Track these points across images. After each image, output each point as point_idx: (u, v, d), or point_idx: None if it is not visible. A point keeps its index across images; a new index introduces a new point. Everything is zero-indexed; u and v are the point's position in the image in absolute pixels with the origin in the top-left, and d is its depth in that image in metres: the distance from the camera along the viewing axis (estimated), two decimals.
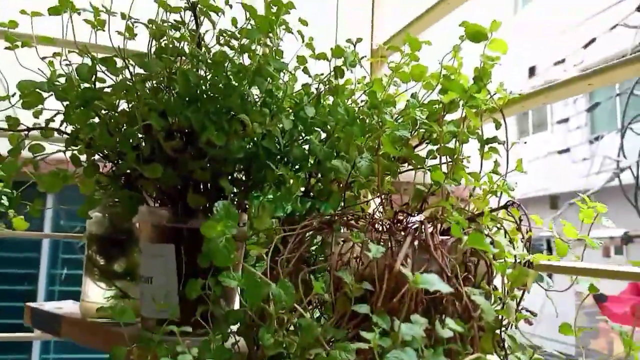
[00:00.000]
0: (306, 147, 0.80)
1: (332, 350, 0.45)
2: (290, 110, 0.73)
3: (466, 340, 0.49)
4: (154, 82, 0.70)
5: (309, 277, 0.61)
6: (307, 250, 0.66)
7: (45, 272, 4.19)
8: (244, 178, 0.88)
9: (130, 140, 0.69)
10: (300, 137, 0.80)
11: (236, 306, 0.99)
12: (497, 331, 0.53)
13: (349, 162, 0.69)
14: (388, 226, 0.58)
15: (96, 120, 0.75)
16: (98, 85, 0.75)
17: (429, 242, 0.53)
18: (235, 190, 0.86)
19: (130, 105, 0.73)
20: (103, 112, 0.74)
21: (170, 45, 0.73)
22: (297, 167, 0.81)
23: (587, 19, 8.98)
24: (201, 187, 0.86)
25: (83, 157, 0.82)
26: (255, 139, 0.76)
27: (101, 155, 0.75)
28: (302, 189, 0.85)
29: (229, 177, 0.84)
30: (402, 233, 0.57)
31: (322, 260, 0.73)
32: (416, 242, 0.56)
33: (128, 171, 0.78)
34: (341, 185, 0.75)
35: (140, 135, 0.70)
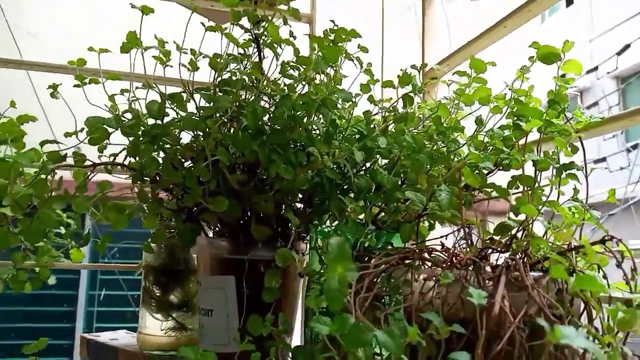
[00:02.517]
0: (369, 176, 0.78)
1: None
2: (357, 144, 0.71)
3: None
4: (220, 115, 0.69)
5: (388, 317, 0.58)
6: (381, 288, 0.63)
7: (84, 293, 4.26)
8: (303, 208, 0.86)
9: (198, 176, 0.68)
10: (364, 166, 0.78)
11: (295, 341, 0.97)
12: None
13: (420, 192, 0.67)
14: (473, 263, 0.56)
15: (161, 154, 0.75)
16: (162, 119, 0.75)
17: (525, 282, 0.49)
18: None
19: (194, 139, 0.72)
20: (167, 146, 0.73)
21: (234, 78, 0.73)
22: (360, 197, 0.79)
23: (618, 25, 8.78)
24: (262, 218, 0.85)
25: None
26: (319, 169, 0.75)
27: (166, 189, 0.75)
28: (361, 217, 0.83)
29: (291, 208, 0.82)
30: (490, 270, 0.54)
31: (390, 295, 0.70)
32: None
33: (190, 206, 0.77)
34: (409, 215, 0.73)
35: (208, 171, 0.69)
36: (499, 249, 0.58)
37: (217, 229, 0.89)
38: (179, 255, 0.98)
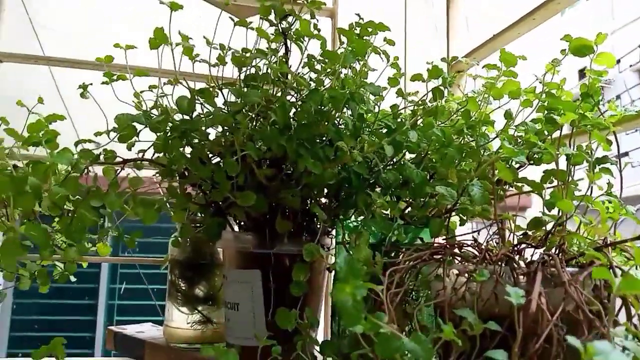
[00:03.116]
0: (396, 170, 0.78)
1: None
2: (387, 138, 0.71)
3: None
4: (248, 110, 0.70)
5: (418, 313, 0.58)
6: (411, 283, 0.63)
7: (105, 286, 4.34)
8: (328, 203, 0.86)
9: (226, 171, 0.68)
10: (391, 161, 0.78)
11: (319, 336, 0.97)
12: None
13: (449, 186, 0.66)
14: (506, 258, 0.55)
15: (188, 149, 0.76)
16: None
17: (563, 278, 0.49)
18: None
19: (222, 134, 0.72)
20: (195, 141, 0.74)
21: (260, 73, 0.73)
22: (387, 191, 0.78)
23: (639, 17, 8.56)
24: (287, 212, 0.85)
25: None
26: (345, 164, 0.74)
27: (194, 184, 0.76)
28: (387, 212, 0.82)
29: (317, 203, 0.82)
30: (524, 266, 0.53)
31: (419, 291, 0.70)
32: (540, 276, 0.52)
33: (218, 201, 0.78)
34: (438, 210, 0.72)
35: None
36: (533, 244, 0.58)
37: (242, 223, 0.89)
38: (204, 250, 0.99)
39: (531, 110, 0.73)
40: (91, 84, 0.76)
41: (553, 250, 0.56)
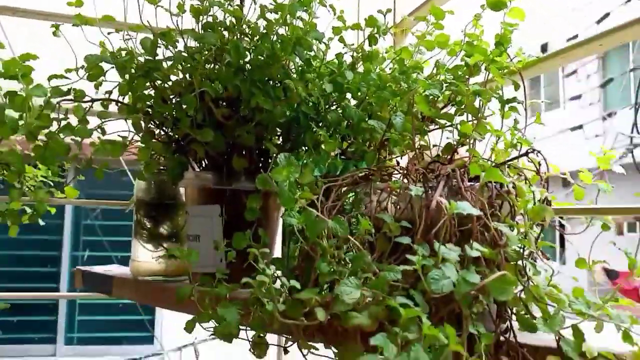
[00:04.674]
0: (340, 111, 0.88)
1: (381, 273, 0.54)
2: (328, 77, 0.80)
3: (493, 266, 0.57)
4: (205, 54, 0.78)
5: (351, 221, 0.69)
6: (345, 202, 0.74)
7: (67, 254, 4.36)
8: (282, 142, 0.96)
9: (184, 107, 0.77)
10: (335, 103, 0.88)
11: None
12: (520, 262, 0.61)
13: (381, 121, 0.77)
14: (422, 174, 0.66)
15: (151, 93, 0.83)
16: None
17: (460, 185, 0.60)
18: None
19: (183, 77, 0.81)
20: (158, 82, 0.82)
21: (217, 20, 0.81)
22: (332, 130, 0.89)
23: None
24: (243, 152, 0.94)
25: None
26: (294, 104, 0.84)
27: (157, 122, 0.84)
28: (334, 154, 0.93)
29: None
30: (436, 180, 0.65)
31: (354, 208, 0.81)
32: (447, 188, 0.64)
33: (179, 138, 0.86)
34: (374, 145, 0.83)
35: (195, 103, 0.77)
36: (443, 163, 0.69)
37: (202, 165, 0.98)
38: (168, 191, 1.08)
39: (455, 59, 0.84)
40: (62, 23, 0.82)
41: (461, 169, 0.68)
